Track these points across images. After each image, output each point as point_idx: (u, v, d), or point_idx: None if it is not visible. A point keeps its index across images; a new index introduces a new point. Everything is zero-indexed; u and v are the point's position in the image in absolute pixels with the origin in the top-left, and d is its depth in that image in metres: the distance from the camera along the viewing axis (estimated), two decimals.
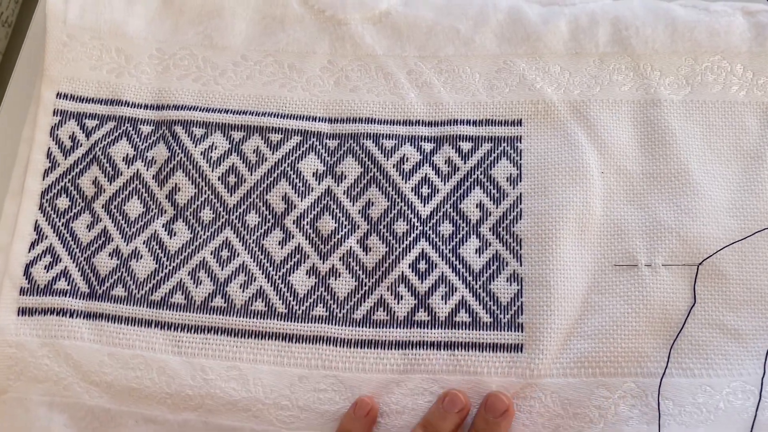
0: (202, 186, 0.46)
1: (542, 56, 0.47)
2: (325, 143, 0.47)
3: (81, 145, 0.47)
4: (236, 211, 0.46)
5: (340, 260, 0.44)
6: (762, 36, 0.47)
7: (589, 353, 0.41)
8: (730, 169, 0.45)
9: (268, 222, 0.45)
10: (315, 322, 0.43)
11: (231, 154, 0.47)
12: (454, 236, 0.44)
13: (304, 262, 0.45)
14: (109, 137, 0.47)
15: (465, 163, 0.46)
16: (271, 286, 0.44)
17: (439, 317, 0.43)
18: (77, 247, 0.45)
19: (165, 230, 0.46)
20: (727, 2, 0.48)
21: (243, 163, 0.47)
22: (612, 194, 0.45)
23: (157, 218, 0.46)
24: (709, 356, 0.41)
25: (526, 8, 0.48)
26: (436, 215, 0.45)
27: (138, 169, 0.47)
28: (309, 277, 0.44)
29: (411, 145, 0.46)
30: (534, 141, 0.46)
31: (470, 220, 0.45)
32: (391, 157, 0.46)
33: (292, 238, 0.45)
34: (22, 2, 0.59)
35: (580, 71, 0.47)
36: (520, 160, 0.46)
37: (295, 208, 0.46)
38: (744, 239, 0.43)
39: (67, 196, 0.46)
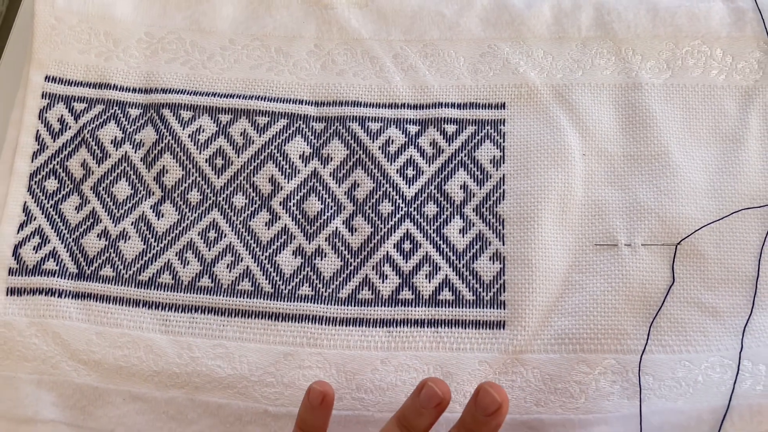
0: (189, 168, 0.47)
1: (526, 40, 0.48)
2: (312, 126, 0.47)
3: (69, 128, 0.48)
4: (223, 193, 0.46)
5: (326, 240, 0.45)
6: (741, 21, 0.48)
7: (570, 330, 0.42)
8: (708, 151, 0.46)
9: (255, 203, 0.46)
10: (301, 301, 0.44)
11: (218, 137, 0.47)
12: (439, 217, 0.45)
13: (290, 243, 0.45)
14: (97, 120, 0.48)
15: (449, 145, 0.47)
16: (257, 266, 0.45)
17: (423, 296, 0.43)
18: (66, 229, 0.46)
19: (153, 212, 0.46)
20: None
21: (230, 145, 0.47)
22: (593, 176, 0.45)
23: (145, 200, 0.46)
24: (688, 333, 0.42)
25: None
26: (421, 196, 0.46)
27: (126, 152, 0.47)
28: (295, 257, 0.45)
29: (396, 128, 0.47)
30: (517, 124, 0.47)
31: (454, 200, 0.45)
32: (376, 139, 0.47)
33: (279, 219, 0.46)
34: None
35: (562, 55, 0.48)
36: (504, 142, 0.46)
37: (281, 189, 0.46)
38: (721, 219, 0.44)
39: (55, 178, 0.47)
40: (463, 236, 0.45)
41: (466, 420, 0.35)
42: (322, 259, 0.45)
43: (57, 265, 0.45)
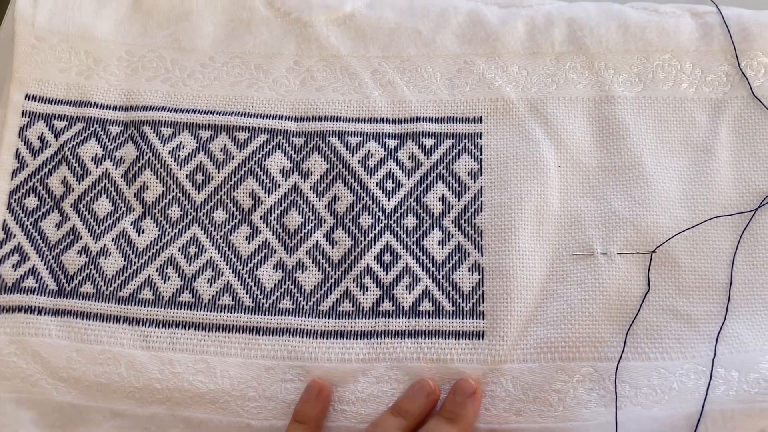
0: (169, 184, 0.47)
1: (501, 56, 0.49)
2: (292, 141, 0.48)
3: (50, 146, 0.48)
4: (204, 208, 0.47)
5: (306, 254, 0.45)
6: (709, 36, 0.49)
7: (548, 339, 0.42)
8: (680, 161, 0.47)
9: (235, 218, 0.46)
10: (282, 315, 0.44)
11: (198, 153, 0.48)
12: (418, 229, 0.46)
13: (271, 257, 0.45)
14: (77, 138, 0.48)
15: (428, 158, 0.47)
16: (238, 280, 0.45)
17: (403, 307, 0.44)
18: (45, 246, 0.46)
19: (133, 228, 0.46)
20: (675, 4, 0.51)
21: (210, 161, 0.47)
22: (568, 187, 0.46)
23: (126, 216, 0.46)
24: (663, 340, 0.42)
25: (485, 10, 0.50)
26: (401, 209, 0.46)
27: (107, 169, 0.47)
28: (276, 271, 0.45)
29: (376, 142, 0.48)
30: (493, 137, 0.48)
31: (433, 213, 0.46)
32: (356, 153, 0.47)
33: (259, 233, 0.46)
34: None
35: (537, 70, 0.49)
36: (481, 155, 0.47)
37: (262, 204, 0.47)
38: (694, 227, 0.45)
39: (35, 196, 0.47)
40: (442, 248, 0.45)
41: (447, 407, 0.40)
42: (302, 273, 0.45)
43: (36, 283, 0.45)
